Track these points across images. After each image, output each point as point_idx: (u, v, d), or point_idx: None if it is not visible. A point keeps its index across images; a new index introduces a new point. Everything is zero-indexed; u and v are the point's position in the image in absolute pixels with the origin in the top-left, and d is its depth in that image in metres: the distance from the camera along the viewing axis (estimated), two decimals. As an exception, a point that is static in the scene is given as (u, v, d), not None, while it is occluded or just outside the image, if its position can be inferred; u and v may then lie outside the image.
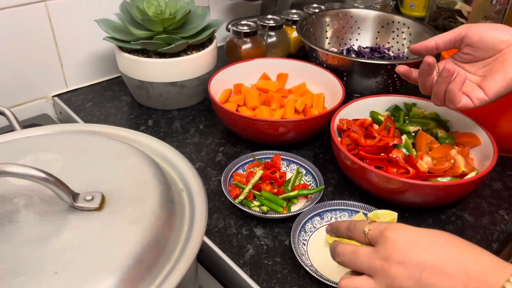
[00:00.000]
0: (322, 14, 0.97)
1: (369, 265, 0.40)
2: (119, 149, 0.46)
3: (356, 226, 0.44)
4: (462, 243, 0.39)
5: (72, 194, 0.38)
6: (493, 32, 0.56)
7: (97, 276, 0.33)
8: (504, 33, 0.56)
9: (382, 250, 0.40)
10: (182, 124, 0.82)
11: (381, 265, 0.39)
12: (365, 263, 0.41)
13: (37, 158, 0.44)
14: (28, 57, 0.82)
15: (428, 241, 0.39)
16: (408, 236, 0.40)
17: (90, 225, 0.37)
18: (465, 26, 0.58)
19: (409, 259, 0.38)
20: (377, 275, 0.40)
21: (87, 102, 0.86)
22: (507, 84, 0.55)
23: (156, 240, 0.37)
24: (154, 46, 0.77)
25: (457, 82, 0.55)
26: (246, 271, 0.55)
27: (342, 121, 0.71)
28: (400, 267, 0.38)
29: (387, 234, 0.40)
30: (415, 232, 0.40)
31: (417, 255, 0.38)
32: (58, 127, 0.52)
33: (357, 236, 0.44)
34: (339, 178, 0.70)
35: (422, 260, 0.38)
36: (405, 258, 0.38)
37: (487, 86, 0.56)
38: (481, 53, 0.57)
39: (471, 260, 0.37)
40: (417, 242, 0.39)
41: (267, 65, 0.86)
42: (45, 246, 0.35)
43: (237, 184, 0.64)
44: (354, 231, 0.44)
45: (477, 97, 0.57)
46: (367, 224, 0.43)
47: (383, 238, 0.41)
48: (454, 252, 0.38)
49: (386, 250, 0.40)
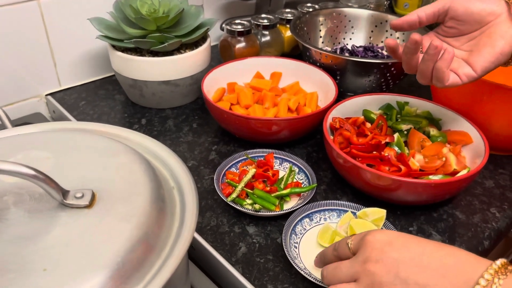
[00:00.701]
0: (316, 13, 0.97)
1: (350, 272, 0.42)
2: (110, 147, 0.46)
3: (340, 244, 0.46)
4: (437, 242, 0.41)
5: (62, 191, 0.38)
6: (479, 3, 0.52)
7: (86, 273, 0.33)
8: (492, 4, 0.52)
9: (362, 253, 0.42)
10: (175, 122, 0.82)
11: (361, 267, 0.41)
12: (347, 271, 0.43)
13: (27, 155, 0.44)
14: (21, 56, 0.81)
15: (404, 240, 0.41)
16: (385, 237, 0.42)
17: (80, 222, 0.37)
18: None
19: (387, 256, 0.40)
20: (359, 277, 0.41)
21: (80, 101, 0.86)
22: (496, 59, 0.52)
23: (146, 238, 0.38)
24: (147, 44, 0.77)
25: (445, 59, 0.51)
26: (238, 269, 0.55)
27: (335, 120, 0.71)
28: (378, 265, 0.40)
29: (366, 238, 0.43)
30: (392, 234, 0.42)
31: (394, 252, 0.40)
32: (49, 125, 0.52)
33: (343, 252, 0.45)
34: (332, 176, 0.70)
35: (399, 255, 0.40)
36: (383, 256, 0.40)
37: (475, 61, 0.53)
38: (466, 27, 0.54)
39: (446, 253, 0.39)
40: (393, 241, 0.41)
41: (261, 64, 0.86)
42: (34, 244, 0.35)
43: (229, 183, 0.64)
44: (339, 249, 0.46)
45: (465, 74, 0.54)
46: (349, 238, 0.45)
47: (363, 243, 0.43)
48: (429, 247, 0.40)
49: (365, 252, 0.42)
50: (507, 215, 0.65)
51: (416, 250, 0.40)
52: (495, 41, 0.52)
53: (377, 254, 0.41)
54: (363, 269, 0.41)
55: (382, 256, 0.40)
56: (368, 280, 0.40)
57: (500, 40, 0.51)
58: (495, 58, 0.52)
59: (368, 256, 0.41)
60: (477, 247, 0.60)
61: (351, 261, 0.43)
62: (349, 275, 0.42)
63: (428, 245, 0.40)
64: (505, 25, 0.51)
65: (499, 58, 0.52)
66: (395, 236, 0.42)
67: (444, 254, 0.39)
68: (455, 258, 0.38)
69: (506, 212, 0.65)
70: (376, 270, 0.40)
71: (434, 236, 0.60)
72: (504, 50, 0.51)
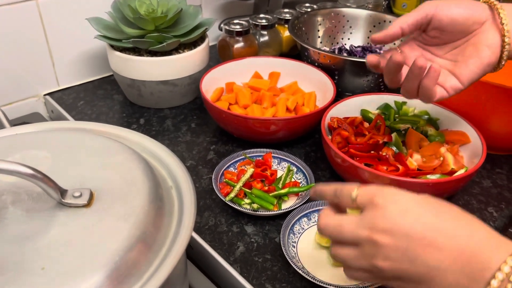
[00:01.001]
0: (314, 13, 0.97)
1: (354, 236, 0.38)
2: (108, 146, 0.46)
3: (343, 191, 0.41)
4: (459, 215, 0.36)
5: (60, 190, 0.38)
6: (464, 11, 0.49)
7: (84, 272, 0.34)
8: (476, 12, 0.50)
9: (369, 217, 0.37)
10: (174, 122, 0.82)
11: (366, 235, 0.37)
12: (350, 233, 0.38)
13: (25, 155, 0.44)
14: (19, 56, 0.81)
15: (421, 211, 0.36)
16: (399, 204, 0.37)
17: (78, 221, 0.37)
18: (431, 3, 0.51)
19: (398, 229, 0.35)
20: (361, 243, 0.38)
21: (78, 101, 0.86)
22: (482, 70, 0.50)
23: (144, 237, 0.38)
24: (145, 44, 0.77)
25: (431, 77, 0.49)
26: (236, 268, 0.55)
27: (333, 119, 0.71)
28: (386, 237, 0.36)
29: (376, 201, 0.37)
30: (407, 200, 0.37)
31: (407, 225, 0.35)
32: (47, 125, 0.52)
33: (345, 201, 0.40)
34: (330, 176, 0.71)
35: (412, 230, 0.35)
36: (394, 227, 0.36)
37: (461, 73, 0.51)
38: (450, 36, 0.51)
39: (466, 234, 0.34)
40: (408, 211, 0.36)
41: (259, 63, 0.86)
42: (32, 243, 0.35)
43: (228, 182, 0.64)
44: (341, 197, 0.41)
45: (451, 87, 0.52)
46: (355, 188, 0.40)
47: (371, 205, 0.38)
48: (449, 224, 0.35)
49: (373, 219, 0.37)
50: (505, 215, 0.65)
51: (432, 226, 0.35)
52: (481, 51, 0.50)
53: (386, 224, 0.36)
54: (368, 237, 0.37)
55: (392, 227, 0.36)
56: (373, 250, 0.37)
57: (486, 51, 0.50)
58: (482, 69, 0.50)
59: (376, 224, 0.37)
60: (474, 246, 0.60)
61: (356, 222, 0.38)
62: (351, 238, 0.38)
63: (447, 221, 0.35)
64: (490, 33, 0.49)
65: (486, 69, 0.51)
66: (411, 204, 0.37)
67: (463, 234, 0.34)
68: (474, 241, 0.34)
69: (503, 211, 0.65)
70: (383, 243, 0.36)
71: (432, 235, 0.61)
72: (491, 61, 0.50)
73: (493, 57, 0.50)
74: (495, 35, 0.49)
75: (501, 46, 0.49)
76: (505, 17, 0.49)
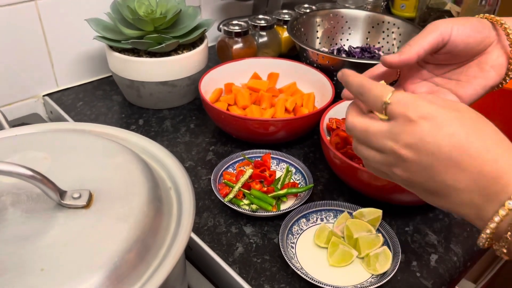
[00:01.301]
0: (313, 14, 0.98)
1: (379, 144, 0.39)
2: (107, 147, 0.46)
3: (371, 92, 0.39)
4: (491, 134, 0.36)
5: (60, 191, 0.38)
6: (477, 35, 0.47)
7: (83, 273, 0.34)
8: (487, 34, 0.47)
9: (398, 130, 0.37)
10: (173, 123, 0.82)
11: (391, 147, 0.37)
12: (376, 141, 0.39)
13: (25, 156, 0.44)
14: (18, 56, 0.82)
15: (452, 130, 0.35)
16: (431, 120, 0.36)
17: (77, 222, 0.37)
18: (445, 24, 0.46)
19: (424, 147, 0.36)
20: (386, 153, 0.38)
21: (77, 102, 0.86)
22: (485, 91, 0.49)
23: (143, 238, 0.38)
24: (144, 45, 0.77)
25: None
26: (235, 269, 0.55)
27: (332, 120, 0.71)
28: (412, 152, 0.37)
29: (409, 115, 0.37)
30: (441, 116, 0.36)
31: (435, 144, 0.36)
32: (47, 126, 0.52)
33: (372, 104, 0.39)
34: (329, 176, 0.71)
35: (438, 150, 0.36)
36: (421, 144, 0.36)
37: (465, 93, 0.49)
38: (459, 59, 0.49)
39: (491, 157, 0.35)
40: (439, 129, 0.36)
41: (258, 64, 0.87)
42: (32, 244, 0.36)
43: (226, 183, 0.64)
44: (368, 98, 0.40)
45: None
46: (389, 93, 0.38)
47: (403, 118, 0.37)
48: (477, 145, 0.35)
49: (402, 133, 0.37)
50: (503, 215, 0.65)
51: (460, 147, 0.35)
52: (487, 72, 0.48)
53: (415, 140, 0.36)
54: (393, 149, 0.37)
55: (419, 145, 0.36)
56: (395, 161, 0.38)
57: (491, 72, 0.48)
58: (485, 90, 0.49)
59: (404, 138, 0.37)
60: (472, 247, 0.60)
61: (383, 133, 0.38)
62: (376, 146, 0.39)
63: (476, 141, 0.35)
64: (494, 54, 0.48)
65: (488, 90, 0.49)
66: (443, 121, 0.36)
67: (488, 158, 0.35)
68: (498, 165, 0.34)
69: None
70: (407, 157, 0.37)
71: (430, 236, 0.61)
72: (495, 82, 0.48)
73: (497, 78, 0.48)
74: (500, 55, 0.48)
75: (506, 68, 0.48)
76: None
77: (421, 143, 0.36)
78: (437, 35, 0.46)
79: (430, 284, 0.54)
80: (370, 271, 0.54)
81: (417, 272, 0.56)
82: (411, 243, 0.60)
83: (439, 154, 0.36)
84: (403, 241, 0.60)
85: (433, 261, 0.57)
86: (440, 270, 0.56)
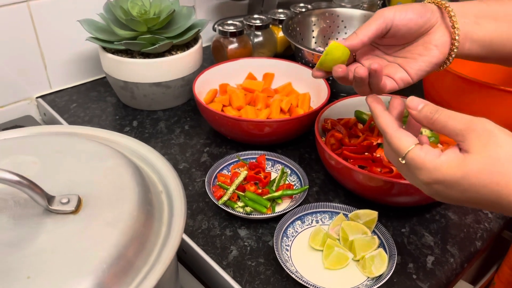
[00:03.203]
0: (308, 14, 0.97)
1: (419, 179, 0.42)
2: (98, 151, 0.46)
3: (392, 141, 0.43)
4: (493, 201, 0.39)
5: (47, 197, 0.37)
6: (419, 18, 0.51)
7: (71, 280, 0.33)
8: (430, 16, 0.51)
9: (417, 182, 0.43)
10: (167, 124, 0.81)
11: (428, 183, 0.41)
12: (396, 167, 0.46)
13: (14, 160, 0.43)
14: (11, 58, 0.81)
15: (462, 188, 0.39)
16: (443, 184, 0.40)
17: (65, 228, 0.37)
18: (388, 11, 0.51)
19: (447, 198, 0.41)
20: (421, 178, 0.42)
21: (71, 103, 0.86)
22: (430, 68, 0.53)
23: (133, 243, 0.37)
24: (138, 46, 0.77)
25: (376, 77, 0.50)
26: (229, 273, 0.54)
27: (327, 121, 0.71)
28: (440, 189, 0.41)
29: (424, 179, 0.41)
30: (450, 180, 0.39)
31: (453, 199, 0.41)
32: (37, 129, 0.51)
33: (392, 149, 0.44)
34: (324, 178, 0.70)
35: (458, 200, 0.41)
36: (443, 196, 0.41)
37: (411, 68, 0.53)
38: (403, 40, 0.53)
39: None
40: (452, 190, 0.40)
41: (253, 65, 0.86)
42: (18, 251, 0.35)
43: (221, 185, 0.63)
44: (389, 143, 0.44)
45: (401, 79, 0.53)
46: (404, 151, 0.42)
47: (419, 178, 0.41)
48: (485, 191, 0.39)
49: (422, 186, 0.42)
50: (500, 216, 0.65)
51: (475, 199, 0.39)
52: (430, 50, 0.52)
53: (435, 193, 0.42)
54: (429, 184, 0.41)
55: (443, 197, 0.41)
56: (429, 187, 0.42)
57: (435, 50, 0.52)
58: (430, 67, 0.53)
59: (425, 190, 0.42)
60: (469, 247, 0.59)
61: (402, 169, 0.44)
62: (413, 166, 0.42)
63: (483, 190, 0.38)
64: (438, 34, 0.52)
65: (433, 67, 0.53)
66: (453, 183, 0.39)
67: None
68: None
69: (498, 212, 0.65)
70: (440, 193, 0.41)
71: (427, 237, 0.60)
72: (439, 60, 0.52)
73: (441, 56, 0.52)
74: (444, 35, 0.52)
75: (449, 48, 0.52)
76: (457, 21, 0.51)
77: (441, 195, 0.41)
78: (380, 23, 0.51)
79: (426, 286, 0.54)
80: (366, 273, 0.54)
81: (414, 274, 0.55)
82: (407, 245, 0.59)
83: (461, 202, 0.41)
84: (399, 242, 0.59)
85: (429, 263, 0.57)
86: (437, 272, 0.56)
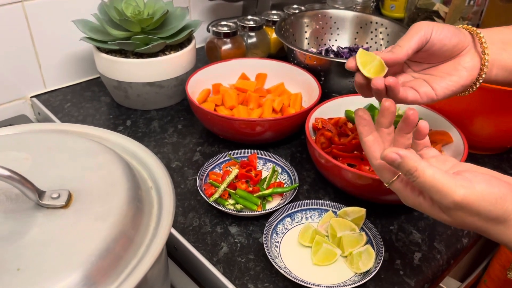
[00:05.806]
0: (301, 15, 0.98)
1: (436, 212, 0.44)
2: (89, 147, 0.46)
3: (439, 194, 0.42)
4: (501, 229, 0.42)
5: (38, 192, 0.38)
6: (454, 38, 0.51)
7: (60, 273, 0.34)
8: (463, 38, 0.51)
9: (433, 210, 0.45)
10: (160, 124, 0.82)
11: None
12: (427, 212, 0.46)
13: (5, 156, 0.44)
14: (5, 58, 0.81)
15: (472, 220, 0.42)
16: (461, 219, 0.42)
17: (55, 222, 0.38)
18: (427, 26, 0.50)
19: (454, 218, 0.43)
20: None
21: (65, 103, 0.86)
22: (457, 89, 0.52)
23: (122, 237, 0.38)
24: (131, 46, 0.77)
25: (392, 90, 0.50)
26: (219, 269, 0.55)
27: (317, 120, 0.72)
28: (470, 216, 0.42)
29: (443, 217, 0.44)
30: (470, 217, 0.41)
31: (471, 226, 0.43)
32: (29, 127, 0.52)
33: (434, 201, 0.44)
34: (315, 176, 0.71)
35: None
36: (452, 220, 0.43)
37: (438, 86, 0.52)
38: (434, 58, 0.53)
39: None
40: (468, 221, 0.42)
41: (246, 65, 0.87)
42: (9, 244, 0.36)
43: (212, 183, 0.64)
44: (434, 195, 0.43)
45: (425, 92, 0.52)
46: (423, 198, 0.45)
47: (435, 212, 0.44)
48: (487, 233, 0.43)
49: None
50: (487, 214, 0.65)
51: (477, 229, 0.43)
52: (460, 71, 0.52)
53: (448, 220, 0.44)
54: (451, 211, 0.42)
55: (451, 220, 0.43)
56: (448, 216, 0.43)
57: (464, 72, 0.52)
58: (457, 88, 0.52)
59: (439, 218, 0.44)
60: (456, 244, 0.60)
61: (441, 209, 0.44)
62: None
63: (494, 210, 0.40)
64: (468, 57, 0.52)
65: (460, 89, 0.52)
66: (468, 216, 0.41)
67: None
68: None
69: None
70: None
71: (415, 234, 0.61)
72: (466, 83, 0.52)
73: (469, 79, 0.52)
74: (474, 59, 0.52)
75: (477, 73, 0.52)
76: (488, 47, 0.51)
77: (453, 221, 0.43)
78: (421, 36, 0.50)
79: (413, 282, 0.55)
80: (353, 269, 0.55)
81: (401, 270, 0.56)
82: (395, 242, 0.60)
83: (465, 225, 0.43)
84: (388, 239, 0.60)
85: (416, 259, 0.58)
86: (423, 268, 0.57)
